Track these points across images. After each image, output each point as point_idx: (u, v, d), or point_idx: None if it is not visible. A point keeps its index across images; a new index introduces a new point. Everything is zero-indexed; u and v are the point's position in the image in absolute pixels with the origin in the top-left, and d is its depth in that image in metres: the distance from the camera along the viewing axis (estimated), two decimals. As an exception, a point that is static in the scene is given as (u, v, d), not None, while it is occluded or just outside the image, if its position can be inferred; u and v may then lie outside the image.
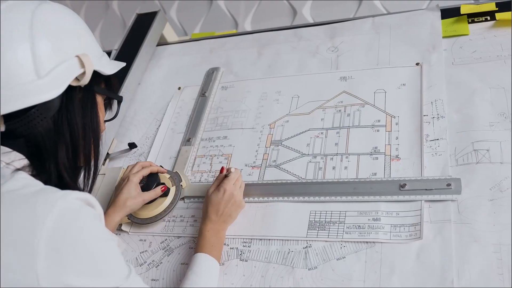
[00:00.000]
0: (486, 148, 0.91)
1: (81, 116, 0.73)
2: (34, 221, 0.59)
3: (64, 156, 0.72)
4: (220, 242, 0.93)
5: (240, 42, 1.40)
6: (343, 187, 0.96)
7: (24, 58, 0.67)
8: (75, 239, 0.62)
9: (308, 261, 0.89)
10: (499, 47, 1.07)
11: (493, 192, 0.86)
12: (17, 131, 0.69)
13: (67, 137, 0.72)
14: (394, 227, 0.87)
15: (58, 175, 0.72)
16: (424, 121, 1.00)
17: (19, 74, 0.66)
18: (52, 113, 0.71)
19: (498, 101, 0.97)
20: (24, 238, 0.59)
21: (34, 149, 0.70)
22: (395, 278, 0.82)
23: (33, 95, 0.67)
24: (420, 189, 0.90)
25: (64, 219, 0.61)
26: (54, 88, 0.69)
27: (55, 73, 0.69)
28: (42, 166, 0.71)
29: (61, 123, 0.71)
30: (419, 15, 1.22)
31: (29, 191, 0.64)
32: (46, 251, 0.59)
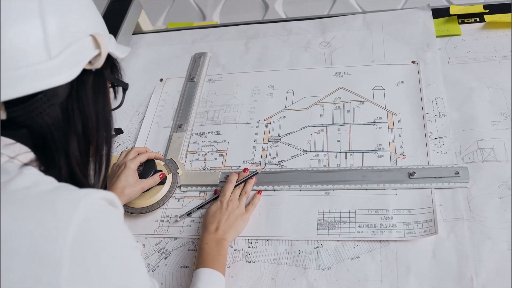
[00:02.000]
0: (491, 146, 0.92)
1: (93, 104, 0.65)
2: (56, 226, 0.51)
3: (76, 148, 0.63)
4: (223, 254, 0.85)
5: (223, 34, 1.34)
6: (351, 175, 0.94)
7: (34, 34, 0.57)
8: (102, 247, 0.53)
9: (320, 261, 0.85)
10: (492, 48, 1.09)
11: (501, 190, 0.87)
12: (18, 119, 0.59)
13: (78, 128, 0.63)
14: (407, 225, 0.86)
15: (69, 170, 0.63)
16: (426, 119, 1.00)
17: (28, 53, 0.57)
18: (60, 99, 0.61)
19: (497, 101, 0.99)
20: (45, 246, 0.50)
21: (40, 141, 0.61)
22: (412, 277, 0.80)
23: (44, 78, 0.58)
24: (429, 177, 0.90)
25: (90, 223, 0.53)
26: (66, 71, 0.60)
27: (67, 53, 0.60)
28: (51, 160, 0.62)
29: (72, 112, 0.62)
30: (411, 13, 1.23)
31: (44, 189, 0.55)
32: (71, 261, 0.50)
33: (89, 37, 0.63)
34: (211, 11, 2.02)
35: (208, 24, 1.45)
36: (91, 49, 0.64)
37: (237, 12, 1.97)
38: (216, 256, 0.84)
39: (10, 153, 0.59)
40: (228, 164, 1.03)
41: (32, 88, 0.57)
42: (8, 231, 0.50)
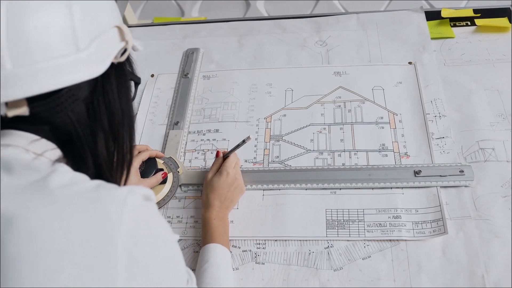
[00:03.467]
0: (491, 147, 0.95)
1: (119, 99, 0.61)
2: (108, 225, 0.48)
3: (103, 146, 0.59)
4: (227, 230, 0.87)
5: (215, 30, 1.31)
6: (358, 174, 0.93)
7: (61, 24, 0.53)
8: (153, 243, 0.52)
9: (332, 261, 0.84)
10: (486, 51, 1.12)
11: (504, 189, 0.89)
12: (41, 115, 0.54)
13: (105, 124, 0.59)
14: (416, 224, 0.86)
15: (95, 168, 0.59)
16: (427, 119, 1.01)
17: (54, 45, 0.52)
18: (84, 94, 0.57)
19: (495, 102, 1.01)
20: (99, 247, 0.47)
21: (64, 137, 0.56)
22: (425, 276, 0.81)
23: (72, 72, 0.53)
24: (434, 175, 0.91)
25: (139, 221, 0.50)
26: (95, 64, 0.56)
27: (95, 46, 0.56)
28: (79, 158, 0.57)
29: (98, 107, 0.58)
30: (404, 15, 1.24)
31: (86, 187, 0.51)
32: (125, 260, 0.48)
33: (114, 28, 0.59)
34: (190, 8, 1.98)
35: (198, 20, 1.41)
36: (117, 41, 0.60)
37: (217, 9, 1.94)
38: (223, 232, 0.85)
39: (36, 149, 0.55)
40: (226, 151, 1.00)
41: (60, 82, 0.53)
42: (57, 232, 0.47)
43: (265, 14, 1.87)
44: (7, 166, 0.52)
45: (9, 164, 0.52)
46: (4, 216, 0.48)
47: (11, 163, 0.52)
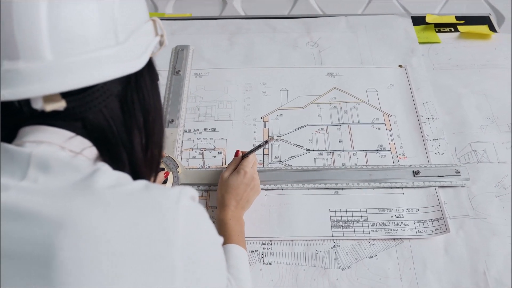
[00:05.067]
0: (483, 148, 0.99)
1: (152, 95, 0.58)
2: (165, 228, 0.46)
3: (139, 144, 0.56)
4: (243, 230, 0.85)
5: (203, 27, 1.29)
6: (359, 174, 0.95)
7: (102, 15, 0.50)
8: (205, 245, 0.51)
9: (339, 261, 0.85)
10: (471, 57, 1.17)
11: (498, 189, 0.93)
12: (73, 111, 0.51)
13: (140, 121, 0.56)
14: (418, 223, 0.89)
15: (131, 167, 0.56)
16: (421, 121, 1.04)
17: (95, 37, 0.49)
18: (117, 89, 0.54)
19: (483, 106, 1.06)
20: (158, 250, 0.45)
21: (98, 135, 0.53)
22: (430, 274, 0.83)
23: (111, 66, 0.50)
24: (432, 175, 0.94)
25: (192, 222, 0.49)
26: (134, 58, 0.53)
27: (134, 39, 0.53)
28: (116, 156, 0.54)
29: (132, 103, 0.55)
30: (391, 19, 1.28)
31: (134, 187, 0.49)
32: (182, 262, 0.46)
33: (150, 21, 0.57)
34: (164, 5, 1.93)
35: (183, 16, 1.38)
36: (153, 35, 0.57)
37: (192, 7, 1.90)
38: (240, 232, 0.83)
39: (73, 147, 0.51)
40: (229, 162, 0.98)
41: (101, 76, 0.50)
42: (115, 236, 0.44)
43: (242, 13, 1.86)
44: (43, 165, 0.48)
45: (45, 163, 0.49)
46: (53, 219, 0.44)
47: (47, 161, 0.49)
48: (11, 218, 0.45)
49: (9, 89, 0.47)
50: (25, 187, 0.47)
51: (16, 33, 0.46)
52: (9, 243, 0.45)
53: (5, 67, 0.47)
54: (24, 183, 0.48)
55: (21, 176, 0.48)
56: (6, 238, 0.45)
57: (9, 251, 0.44)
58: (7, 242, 0.45)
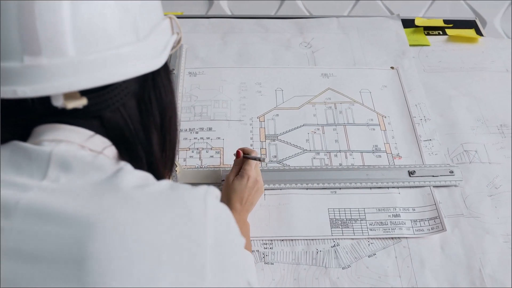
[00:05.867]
0: (474, 149, 1.02)
1: (168, 93, 0.58)
2: (195, 229, 0.45)
3: (157, 143, 0.55)
4: (249, 234, 0.85)
5: (196, 25, 1.28)
6: (356, 174, 0.96)
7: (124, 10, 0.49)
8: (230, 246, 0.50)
9: (340, 260, 0.86)
10: (460, 60, 1.20)
11: (489, 188, 0.96)
12: (90, 109, 0.50)
13: (157, 120, 0.55)
14: (414, 222, 0.90)
15: (149, 166, 0.55)
16: (414, 122, 1.06)
17: (117, 32, 0.48)
18: (134, 87, 0.54)
19: (473, 108, 1.09)
20: (189, 251, 0.45)
21: (115, 133, 0.52)
22: (428, 272, 0.85)
23: (132, 63, 0.49)
24: (427, 175, 0.96)
25: (220, 223, 0.48)
26: (155, 56, 0.52)
27: (154, 36, 0.52)
28: (135, 156, 0.53)
29: (149, 101, 0.55)
30: (382, 21, 1.30)
31: (160, 187, 0.48)
32: (213, 264, 0.46)
33: (167, 19, 0.57)
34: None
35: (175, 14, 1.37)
36: (170, 33, 0.57)
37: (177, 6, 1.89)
38: (245, 235, 0.83)
39: (93, 146, 0.50)
40: (227, 162, 0.98)
41: (121, 74, 0.49)
42: (148, 237, 0.44)
43: (229, 13, 1.85)
44: (64, 164, 0.47)
45: (66, 162, 0.47)
46: (82, 219, 0.43)
47: (68, 161, 0.47)
48: (37, 220, 0.44)
49: (30, 85, 0.45)
50: (46, 187, 0.46)
51: (39, 28, 0.45)
52: (38, 245, 0.43)
53: (26, 62, 0.45)
54: (45, 183, 0.47)
55: (41, 176, 0.47)
56: (34, 240, 0.43)
57: (39, 253, 0.43)
58: (36, 245, 0.43)
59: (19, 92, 0.45)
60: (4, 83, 0.46)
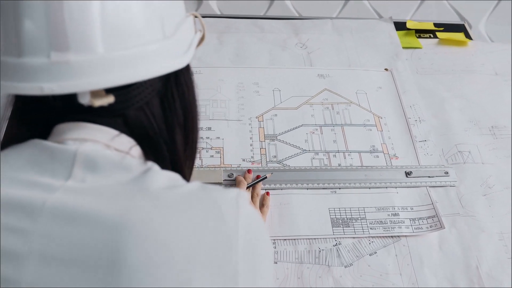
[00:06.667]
0: (468, 150, 1.04)
1: (191, 91, 0.58)
2: (227, 231, 0.45)
3: (181, 142, 0.55)
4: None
5: (191, 24, 1.27)
6: (355, 174, 0.97)
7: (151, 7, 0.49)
8: (261, 250, 0.49)
9: (342, 258, 0.87)
10: (451, 62, 1.23)
11: (483, 188, 0.99)
12: (114, 107, 0.49)
13: (181, 118, 0.55)
14: (413, 221, 0.92)
15: (173, 165, 0.55)
16: (409, 123, 1.08)
17: (144, 29, 0.48)
18: (158, 86, 0.53)
19: (466, 110, 1.12)
20: (221, 254, 0.44)
21: (139, 132, 0.52)
22: (427, 269, 0.87)
23: (160, 61, 0.49)
24: (423, 176, 0.98)
25: (250, 226, 0.48)
26: (181, 53, 0.52)
27: (180, 34, 0.52)
28: (160, 155, 0.53)
29: (172, 100, 0.54)
30: (375, 23, 1.32)
31: (190, 189, 0.47)
32: (244, 266, 0.45)
33: (191, 16, 0.56)
34: None
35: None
36: (193, 30, 0.57)
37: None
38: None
39: (118, 145, 0.49)
40: (227, 162, 0.98)
41: (147, 72, 0.48)
42: (181, 239, 0.43)
43: (218, 12, 1.85)
44: (90, 164, 0.47)
45: (93, 162, 0.47)
46: (114, 221, 0.43)
47: (95, 160, 0.47)
48: (65, 222, 0.43)
49: (57, 82, 0.44)
50: (72, 188, 0.45)
51: (67, 23, 0.44)
52: (67, 248, 0.42)
53: (53, 58, 0.44)
54: (70, 183, 0.46)
55: (66, 176, 0.46)
56: (62, 243, 0.42)
57: (68, 256, 0.42)
58: (65, 247, 0.42)
59: (46, 89, 0.44)
60: (30, 79, 0.45)
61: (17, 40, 0.45)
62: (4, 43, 0.47)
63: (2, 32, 0.47)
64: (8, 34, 0.46)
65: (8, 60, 0.46)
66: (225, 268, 0.45)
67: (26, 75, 0.45)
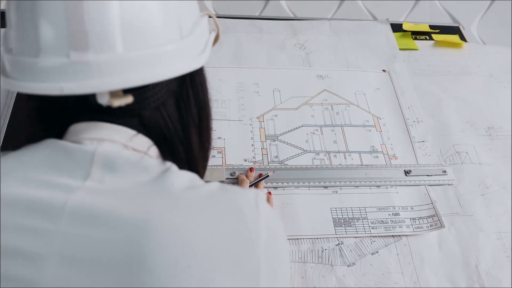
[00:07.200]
0: (465, 150, 1.06)
1: (205, 91, 0.58)
2: (249, 231, 0.45)
3: (197, 142, 0.55)
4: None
5: (189, 24, 1.27)
6: (356, 172, 0.99)
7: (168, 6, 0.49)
8: (280, 250, 0.49)
9: (345, 258, 0.88)
10: (447, 64, 1.24)
11: (481, 188, 1.00)
12: (131, 107, 0.49)
13: (195, 118, 0.55)
14: (413, 220, 0.94)
15: (189, 165, 0.55)
16: (408, 124, 1.10)
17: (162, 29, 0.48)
18: (174, 86, 0.53)
19: (462, 111, 1.13)
20: (244, 255, 0.45)
21: (155, 132, 0.52)
22: (427, 268, 0.88)
23: (177, 61, 0.49)
24: (422, 174, 0.99)
25: (270, 226, 0.48)
26: (197, 53, 0.52)
27: (196, 34, 0.52)
28: (175, 155, 0.53)
29: (187, 99, 0.54)
30: (371, 25, 1.33)
31: (210, 189, 0.47)
32: (265, 268, 0.45)
33: (205, 16, 0.56)
34: None
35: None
36: (208, 30, 0.57)
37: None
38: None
39: (136, 146, 0.49)
40: (229, 162, 0.99)
41: (166, 72, 0.49)
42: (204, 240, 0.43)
43: (213, 12, 1.85)
44: (109, 164, 0.47)
45: (111, 162, 0.47)
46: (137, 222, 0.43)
47: (114, 161, 0.47)
48: (86, 222, 0.43)
49: (76, 82, 0.44)
50: (92, 188, 0.45)
51: (87, 23, 0.44)
52: (89, 249, 0.42)
53: (73, 58, 0.44)
54: (89, 184, 0.46)
55: (84, 176, 0.46)
56: (84, 244, 0.42)
57: (93, 257, 0.42)
58: (87, 248, 0.42)
59: (65, 89, 0.44)
60: (49, 79, 0.45)
61: (35, 40, 0.45)
62: (19, 42, 0.47)
63: (17, 32, 0.47)
64: (25, 34, 0.46)
65: (24, 60, 0.46)
66: (247, 268, 0.45)
67: (44, 75, 0.45)
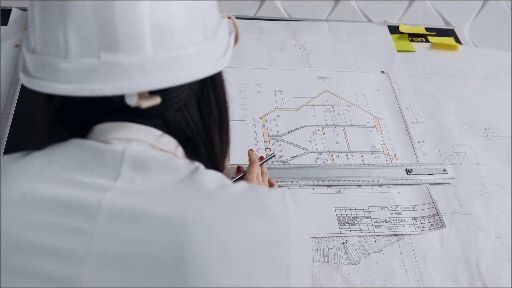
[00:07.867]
0: (463, 151, 1.08)
1: (224, 91, 0.58)
2: (280, 230, 0.46)
3: (218, 142, 0.56)
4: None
5: (188, 24, 1.27)
6: (358, 171, 1.00)
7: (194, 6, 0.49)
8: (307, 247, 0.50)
9: (350, 256, 0.89)
10: (444, 66, 1.27)
11: (479, 188, 1.03)
12: (154, 108, 0.49)
13: (216, 119, 0.56)
14: (415, 220, 0.95)
15: (211, 165, 0.55)
16: (407, 124, 1.11)
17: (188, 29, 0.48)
18: (195, 87, 0.54)
19: (460, 112, 1.16)
20: (276, 254, 0.45)
21: (178, 133, 0.53)
22: (430, 266, 0.90)
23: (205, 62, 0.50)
24: (423, 173, 1.01)
25: (298, 225, 0.48)
26: (221, 55, 0.53)
27: (219, 35, 0.52)
28: (198, 155, 0.53)
29: (208, 100, 0.55)
30: (369, 27, 1.35)
31: (240, 188, 0.48)
32: (295, 267, 0.46)
33: (225, 18, 0.57)
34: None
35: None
36: (228, 31, 0.57)
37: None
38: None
39: (163, 146, 0.50)
40: (233, 162, 0.99)
41: (192, 74, 0.49)
42: (241, 237, 0.44)
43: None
44: (138, 164, 0.47)
45: (141, 162, 0.47)
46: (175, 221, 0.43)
47: (143, 161, 0.47)
48: (122, 222, 0.43)
49: (107, 83, 0.45)
50: (123, 188, 0.45)
51: (118, 23, 0.44)
52: (132, 247, 0.42)
53: (103, 59, 0.44)
54: (120, 184, 0.46)
55: (114, 176, 0.46)
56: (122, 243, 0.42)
57: (133, 256, 0.42)
58: (129, 247, 0.42)
59: (97, 90, 0.44)
60: (80, 80, 0.45)
61: (64, 42, 0.45)
62: (45, 43, 0.47)
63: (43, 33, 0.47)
64: (52, 35, 0.46)
65: (50, 60, 0.46)
66: (279, 267, 0.46)
67: (72, 76, 0.45)
